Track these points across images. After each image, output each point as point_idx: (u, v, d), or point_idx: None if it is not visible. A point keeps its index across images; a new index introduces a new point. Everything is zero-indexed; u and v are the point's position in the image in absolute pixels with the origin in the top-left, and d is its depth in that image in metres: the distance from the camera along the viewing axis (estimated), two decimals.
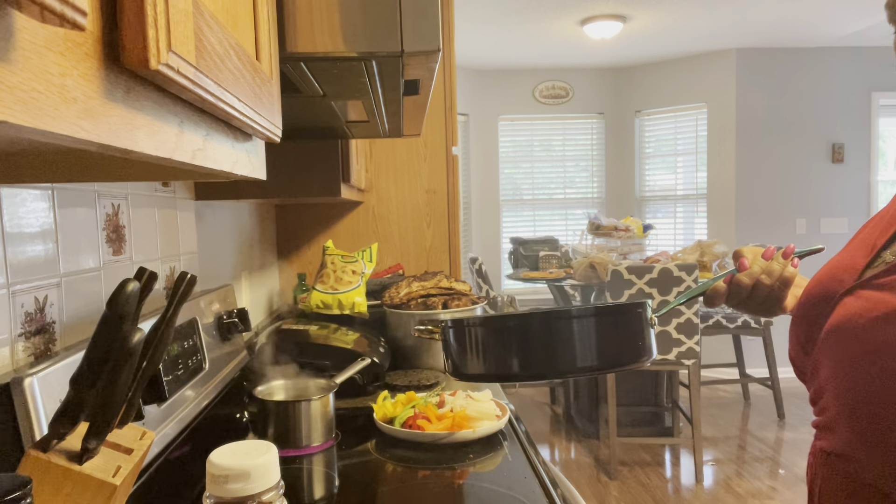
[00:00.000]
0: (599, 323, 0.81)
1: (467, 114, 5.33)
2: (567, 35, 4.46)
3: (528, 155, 5.56)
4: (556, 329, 0.79)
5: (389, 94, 0.95)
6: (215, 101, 0.41)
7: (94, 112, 0.29)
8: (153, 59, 0.31)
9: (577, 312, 0.80)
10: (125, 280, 0.48)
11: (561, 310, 0.80)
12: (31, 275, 0.79)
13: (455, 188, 2.51)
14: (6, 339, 0.74)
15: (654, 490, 3.27)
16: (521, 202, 5.59)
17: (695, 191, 5.26)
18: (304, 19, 0.66)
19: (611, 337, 0.82)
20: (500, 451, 1.21)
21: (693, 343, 3.26)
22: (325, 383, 1.34)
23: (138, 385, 0.57)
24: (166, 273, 1.24)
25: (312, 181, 1.60)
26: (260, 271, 2.12)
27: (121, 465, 0.56)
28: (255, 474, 0.56)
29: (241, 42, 0.49)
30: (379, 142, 2.48)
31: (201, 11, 0.39)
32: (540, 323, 0.80)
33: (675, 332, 3.27)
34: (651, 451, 3.76)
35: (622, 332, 0.83)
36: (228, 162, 0.52)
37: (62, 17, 0.23)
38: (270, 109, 0.58)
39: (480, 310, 1.87)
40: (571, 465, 3.62)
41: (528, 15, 4.00)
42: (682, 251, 3.96)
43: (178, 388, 1.02)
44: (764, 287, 0.90)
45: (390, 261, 2.50)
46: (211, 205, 1.57)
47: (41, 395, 0.69)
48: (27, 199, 0.79)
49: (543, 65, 5.30)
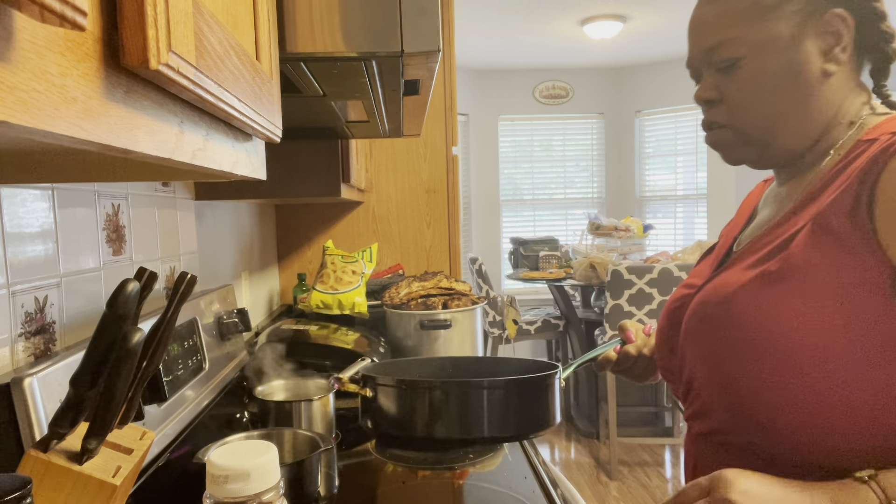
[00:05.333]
0: (515, 394, 0.84)
1: (467, 114, 5.32)
2: (567, 35, 4.46)
3: (528, 155, 5.56)
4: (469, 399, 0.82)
5: (389, 94, 0.95)
6: (215, 101, 0.41)
7: (94, 112, 0.29)
8: (153, 59, 0.31)
9: (490, 384, 0.83)
10: (125, 280, 0.48)
11: (475, 381, 0.84)
12: (31, 275, 0.79)
13: (455, 188, 2.51)
14: (6, 339, 0.74)
15: (654, 490, 3.27)
16: (521, 202, 5.59)
17: (695, 191, 5.26)
18: (304, 19, 0.66)
19: (525, 407, 0.85)
20: (500, 451, 1.21)
21: None
22: (325, 383, 1.34)
23: (138, 385, 0.57)
24: (166, 273, 1.24)
25: (312, 181, 1.60)
26: (260, 271, 2.12)
27: (121, 465, 0.56)
28: (255, 474, 0.56)
29: (241, 42, 0.49)
30: (379, 142, 2.48)
31: (201, 11, 0.39)
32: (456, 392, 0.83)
33: None
34: (651, 451, 3.76)
35: (535, 402, 0.87)
36: (228, 162, 0.52)
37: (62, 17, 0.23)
38: (270, 109, 0.58)
39: (480, 310, 1.87)
40: (571, 465, 3.62)
41: (528, 15, 4.00)
42: (682, 251, 3.96)
43: (178, 388, 1.02)
44: (645, 358, 1.05)
45: (390, 261, 2.50)
46: (211, 205, 1.57)
47: (41, 395, 0.69)
48: (27, 199, 0.79)
49: (543, 65, 5.30)
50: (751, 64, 0.78)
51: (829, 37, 0.77)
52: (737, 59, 0.79)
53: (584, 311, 4.26)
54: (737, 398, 0.77)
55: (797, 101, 0.78)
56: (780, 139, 0.80)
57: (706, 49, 0.82)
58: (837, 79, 0.78)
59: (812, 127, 0.79)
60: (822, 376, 0.70)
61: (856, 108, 0.80)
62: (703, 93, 0.84)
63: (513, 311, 4.04)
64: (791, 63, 0.77)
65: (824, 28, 0.77)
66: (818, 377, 0.70)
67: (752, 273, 0.77)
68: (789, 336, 0.71)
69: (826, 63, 0.77)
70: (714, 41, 0.80)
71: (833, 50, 0.77)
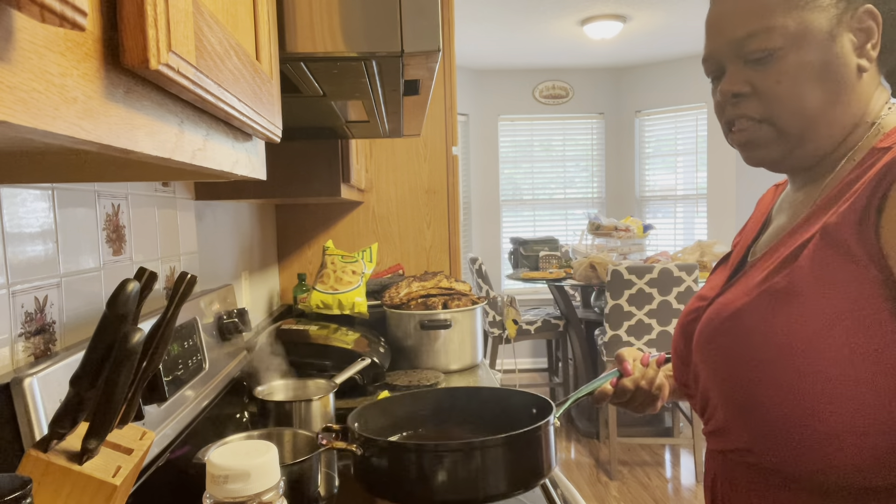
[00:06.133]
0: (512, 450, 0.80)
1: (467, 114, 5.32)
2: (567, 35, 4.46)
3: (528, 155, 5.56)
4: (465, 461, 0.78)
5: (389, 94, 0.95)
6: (215, 101, 0.41)
7: (94, 112, 0.29)
8: (153, 59, 0.31)
9: (482, 444, 0.78)
10: (125, 280, 0.48)
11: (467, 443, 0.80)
12: (31, 275, 0.79)
13: (455, 188, 2.51)
14: (6, 339, 0.74)
15: (654, 490, 3.27)
16: (521, 202, 5.59)
17: (695, 191, 5.26)
18: (304, 19, 0.66)
19: (522, 461, 0.81)
20: None
21: None
22: (325, 383, 1.34)
23: (138, 385, 0.57)
24: (166, 273, 1.24)
25: (312, 181, 1.60)
26: (260, 271, 2.12)
27: (121, 465, 0.56)
28: (255, 474, 0.56)
29: (241, 42, 0.49)
30: (379, 142, 2.47)
31: (201, 11, 0.39)
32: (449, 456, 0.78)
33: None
34: (651, 451, 3.76)
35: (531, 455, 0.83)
36: (228, 162, 0.52)
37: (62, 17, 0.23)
38: (270, 109, 0.58)
39: (480, 310, 1.87)
40: (571, 465, 3.62)
41: (528, 15, 4.00)
42: (682, 251, 3.96)
43: (178, 388, 1.02)
44: (643, 391, 1.02)
45: (390, 261, 2.50)
46: (211, 205, 1.57)
47: (41, 395, 0.69)
48: (27, 199, 0.79)
49: (543, 65, 5.30)
50: (789, 56, 0.75)
51: (862, 33, 0.75)
52: (773, 49, 0.75)
53: (584, 311, 4.26)
54: (754, 419, 0.76)
55: (834, 96, 0.76)
56: (814, 137, 0.77)
57: (736, 40, 0.78)
58: (870, 75, 0.77)
59: (844, 125, 0.77)
60: (834, 397, 0.69)
61: (878, 107, 0.78)
62: (731, 86, 0.79)
63: (513, 311, 4.04)
64: (830, 57, 0.75)
65: (858, 23, 0.75)
66: (832, 397, 0.69)
67: (760, 289, 0.75)
68: (802, 356, 0.70)
69: (860, 59, 0.76)
70: (746, 31, 0.77)
71: (866, 46, 0.76)
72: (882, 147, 0.73)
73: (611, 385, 1.02)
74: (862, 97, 0.77)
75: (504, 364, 5.03)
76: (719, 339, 0.79)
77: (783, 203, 0.89)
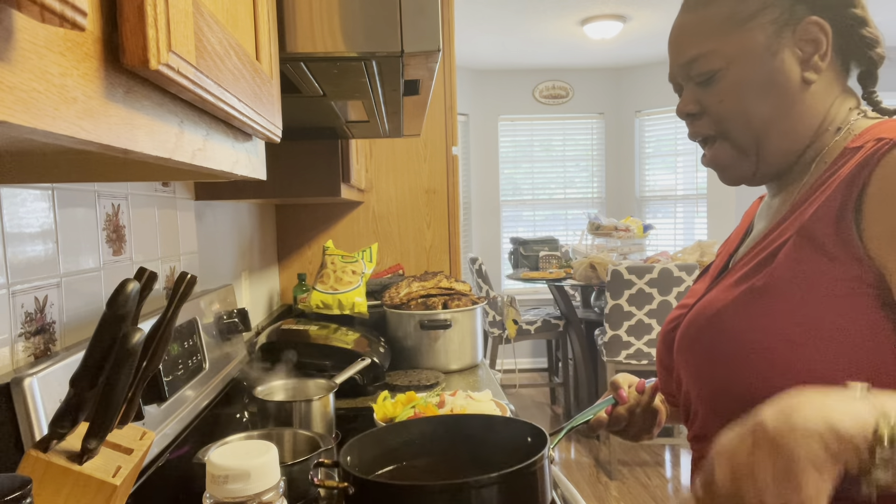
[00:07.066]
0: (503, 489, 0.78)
1: (467, 114, 5.32)
2: (567, 35, 4.46)
3: (528, 155, 5.56)
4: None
5: (389, 94, 0.95)
6: (215, 101, 0.41)
7: (95, 112, 0.29)
8: (153, 59, 0.31)
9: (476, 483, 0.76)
10: (125, 280, 0.48)
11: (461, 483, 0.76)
12: (31, 275, 0.79)
13: (455, 188, 2.51)
14: (6, 339, 0.74)
15: (654, 490, 3.27)
16: (521, 202, 5.59)
17: (695, 191, 5.26)
18: (304, 19, 0.66)
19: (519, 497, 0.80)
20: None
21: None
22: (325, 383, 1.34)
23: (138, 385, 0.57)
24: (166, 273, 1.24)
25: (312, 181, 1.60)
26: (260, 271, 2.12)
27: (121, 465, 0.56)
28: (255, 474, 0.56)
29: (241, 42, 0.49)
30: (379, 142, 2.48)
31: (201, 11, 0.39)
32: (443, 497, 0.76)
33: None
34: (651, 451, 3.76)
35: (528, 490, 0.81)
36: (228, 162, 0.52)
37: (62, 17, 0.23)
38: (270, 109, 0.58)
39: (480, 310, 1.87)
40: (571, 465, 3.62)
41: (528, 15, 4.00)
42: (682, 251, 3.96)
43: (178, 388, 1.02)
44: (638, 418, 1.01)
45: (390, 261, 2.50)
46: (211, 205, 1.57)
47: (41, 395, 0.69)
48: (27, 199, 0.79)
49: (543, 65, 5.30)
50: (729, 75, 0.79)
51: (807, 45, 0.77)
52: (714, 71, 0.79)
53: (584, 311, 4.26)
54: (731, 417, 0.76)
55: (780, 110, 0.78)
56: (769, 149, 0.80)
57: (684, 63, 0.82)
58: (820, 86, 0.78)
59: (799, 135, 0.79)
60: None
61: (843, 114, 0.80)
62: (684, 107, 0.84)
63: (513, 311, 4.04)
64: (770, 73, 0.77)
65: (802, 36, 0.77)
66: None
67: (739, 289, 0.76)
68: (779, 350, 0.71)
69: (806, 71, 0.77)
70: (691, 55, 0.81)
71: (812, 58, 0.77)
72: (854, 147, 0.74)
73: (606, 413, 1.02)
74: (816, 106, 0.79)
75: (504, 364, 5.02)
76: (701, 340, 0.80)
77: (762, 211, 0.91)
